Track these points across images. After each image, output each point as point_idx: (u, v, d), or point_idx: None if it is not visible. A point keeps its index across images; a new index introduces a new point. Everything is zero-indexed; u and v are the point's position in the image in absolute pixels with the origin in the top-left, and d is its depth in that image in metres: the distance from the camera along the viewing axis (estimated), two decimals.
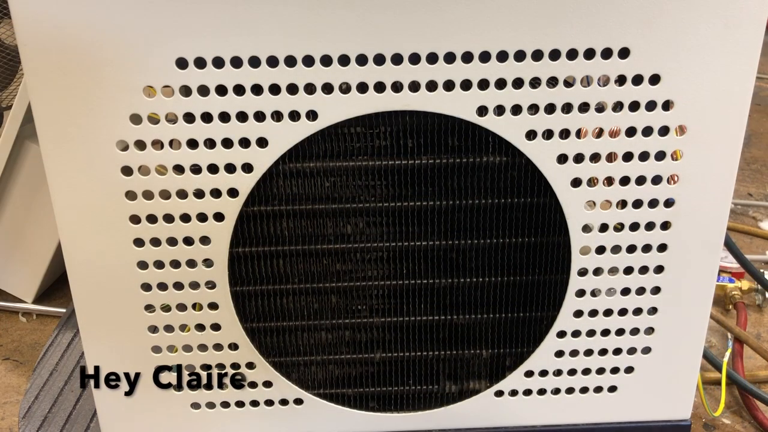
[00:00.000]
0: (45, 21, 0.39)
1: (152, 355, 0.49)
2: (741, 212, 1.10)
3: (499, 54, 0.41)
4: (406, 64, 0.41)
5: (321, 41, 0.40)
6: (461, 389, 0.52)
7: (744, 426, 0.65)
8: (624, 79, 0.42)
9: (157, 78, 0.40)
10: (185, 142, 0.42)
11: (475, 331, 0.50)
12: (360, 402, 0.51)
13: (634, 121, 0.43)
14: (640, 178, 0.45)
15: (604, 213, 0.46)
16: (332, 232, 0.46)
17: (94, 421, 0.60)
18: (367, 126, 0.43)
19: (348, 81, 0.41)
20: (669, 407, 0.53)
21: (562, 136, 0.43)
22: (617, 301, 0.48)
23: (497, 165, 0.44)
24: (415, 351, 0.50)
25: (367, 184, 0.45)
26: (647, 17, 0.40)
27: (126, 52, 0.40)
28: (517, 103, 0.42)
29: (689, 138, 0.43)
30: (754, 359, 0.74)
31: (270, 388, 0.50)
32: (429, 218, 0.46)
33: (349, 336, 0.50)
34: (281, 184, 0.44)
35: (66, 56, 0.40)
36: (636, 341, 0.50)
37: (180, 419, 0.51)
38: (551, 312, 0.49)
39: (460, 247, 0.47)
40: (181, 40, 0.39)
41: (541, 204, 0.46)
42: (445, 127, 0.43)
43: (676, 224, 0.46)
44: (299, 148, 0.43)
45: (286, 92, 0.41)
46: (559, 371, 0.51)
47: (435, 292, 0.49)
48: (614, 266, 0.47)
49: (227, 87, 0.41)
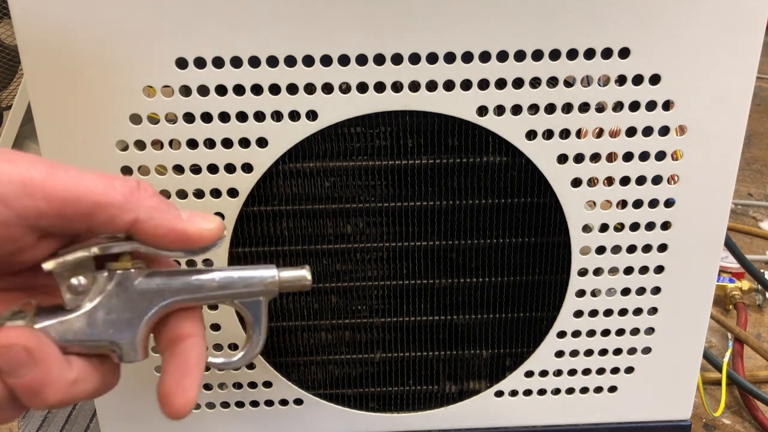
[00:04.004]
0: (45, 21, 0.39)
1: (152, 355, 0.48)
2: (741, 212, 1.10)
3: (499, 54, 0.41)
4: (406, 64, 0.41)
5: (321, 41, 0.40)
6: (461, 389, 0.52)
7: (744, 426, 0.65)
8: (624, 79, 0.42)
9: (157, 78, 0.40)
10: (185, 142, 0.42)
11: (475, 332, 0.50)
12: (360, 402, 0.51)
13: (634, 121, 0.43)
14: (641, 178, 0.45)
15: (605, 213, 0.46)
16: (332, 232, 0.46)
17: (94, 421, 0.60)
18: (367, 126, 0.43)
19: (348, 81, 0.41)
20: (669, 407, 0.53)
21: (562, 136, 0.43)
22: (617, 301, 0.48)
23: (497, 165, 0.44)
24: (415, 351, 0.50)
25: (367, 184, 0.45)
26: (647, 17, 0.40)
27: (126, 52, 0.40)
28: (518, 103, 0.42)
29: (689, 138, 0.43)
30: (754, 359, 0.74)
31: (270, 388, 0.50)
32: (429, 218, 0.46)
33: (349, 336, 0.50)
34: (281, 184, 0.44)
35: (66, 56, 0.40)
36: (636, 341, 0.50)
37: (180, 419, 0.51)
38: (551, 312, 0.49)
39: (460, 247, 0.47)
40: (181, 40, 0.39)
41: (541, 204, 0.46)
42: (445, 127, 0.43)
43: (676, 224, 0.46)
44: (299, 148, 0.43)
45: (286, 92, 0.41)
46: (560, 371, 0.51)
47: (435, 292, 0.48)
48: (614, 266, 0.47)
49: (227, 87, 0.41)
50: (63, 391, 0.29)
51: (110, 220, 0.29)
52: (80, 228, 0.29)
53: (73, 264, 0.30)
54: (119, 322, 0.31)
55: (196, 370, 0.31)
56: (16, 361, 0.28)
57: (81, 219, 0.29)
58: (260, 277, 0.33)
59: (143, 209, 0.29)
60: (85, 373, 0.30)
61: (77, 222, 0.29)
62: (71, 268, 0.30)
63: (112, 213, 0.29)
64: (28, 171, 0.27)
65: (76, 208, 0.28)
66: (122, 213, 0.29)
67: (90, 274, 0.30)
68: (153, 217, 0.30)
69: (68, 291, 0.30)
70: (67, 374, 0.29)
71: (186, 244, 0.31)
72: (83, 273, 0.30)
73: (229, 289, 0.32)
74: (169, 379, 0.31)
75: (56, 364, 0.29)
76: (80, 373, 0.30)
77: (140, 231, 0.30)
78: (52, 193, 0.28)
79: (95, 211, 0.29)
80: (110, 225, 0.29)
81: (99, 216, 0.29)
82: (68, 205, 0.28)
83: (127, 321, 0.31)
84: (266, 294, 0.33)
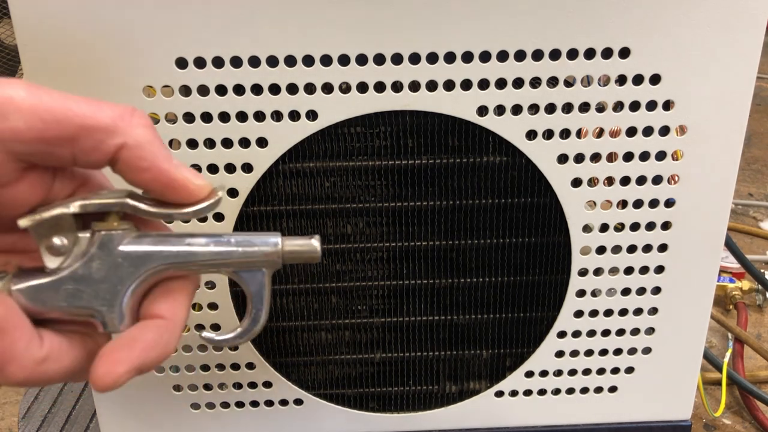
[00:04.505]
0: (45, 21, 0.39)
1: None
2: (741, 212, 1.09)
3: (499, 54, 0.40)
4: (406, 64, 0.41)
5: (321, 41, 0.40)
6: (461, 389, 0.52)
7: (745, 426, 0.65)
8: (624, 78, 0.42)
9: (157, 78, 0.40)
10: (185, 142, 0.42)
11: (475, 332, 0.50)
12: (360, 402, 0.51)
13: (634, 121, 0.43)
14: (641, 178, 0.44)
15: (605, 213, 0.45)
16: (332, 232, 0.46)
17: (94, 422, 0.60)
18: (367, 126, 0.43)
19: (348, 81, 0.41)
20: (669, 408, 0.53)
21: (562, 136, 0.43)
22: (618, 302, 0.48)
23: (497, 165, 0.44)
24: (415, 351, 0.50)
25: (367, 184, 0.45)
26: (648, 17, 0.40)
27: (126, 51, 0.40)
28: (518, 103, 0.42)
29: (690, 138, 0.43)
30: (754, 359, 0.74)
31: (270, 388, 0.50)
32: (429, 218, 0.46)
33: (349, 336, 0.50)
34: (281, 184, 0.44)
35: (66, 56, 0.40)
36: (636, 341, 0.50)
37: (180, 419, 0.51)
38: (552, 312, 0.49)
39: (460, 247, 0.47)
40: (181, 39, 0.39)
41: (541, 204, 0.45)
42: (445, 127, 0.43)
43: (676, 224, 0.46)
44: (299, 148, 0.43)
45: (285, 92, 0.41)
46: (560, 371, 0.51)
47: (435, 292, 0.48)
48: (615, 266, 0.47)
49: (227, 87, 0.41)
50: (29, 369, 0.26)
51: (96, 146, 0.27)
52: (64, 156, 0.27)
53: (51, 221, 0.28)
54: (102, 288, 0.28)
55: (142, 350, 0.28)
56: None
57: (64, 144, 0.26)
58: (261, 244, 0.30)
59: (132, 136, 0.27)
60: (59, 351, 0.28)
61: (60, 147, 0.26)
62: (50, 226, 0.28)
63: (98, 138, 0.26)
64: (4, 90, 0.25)
65: (58, 131, 0.26)
66: (109, 137, 0.27)
67: (72, 234, 0.28)
68: (141, 145, 0.27)
69: (48, 252, 0.28)
70: (35, 351, 0.27)
71: (166, 189, 0.28)
72: (64, 233, 0.28)
73: (226, 258, 0.29)
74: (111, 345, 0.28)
75: (23, 337, 0.26)
76: (52, 351, 0.27)
77: (123, 161, 0.27)
78: (31, 114, 0.25)
79: (80, 134, 0.26)
80: (96, 152, 0.27)
81: (84, 141, 0.26)
82: (49, 127, 0.26)
83: (111, 286, 0.28)
84: (268, 265, 0.30)
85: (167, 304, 0.30)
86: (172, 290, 0.30)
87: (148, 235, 0.29)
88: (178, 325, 0.30)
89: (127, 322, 0.29)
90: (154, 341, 0.28)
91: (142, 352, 0.28)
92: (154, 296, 0.30)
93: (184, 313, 0.30)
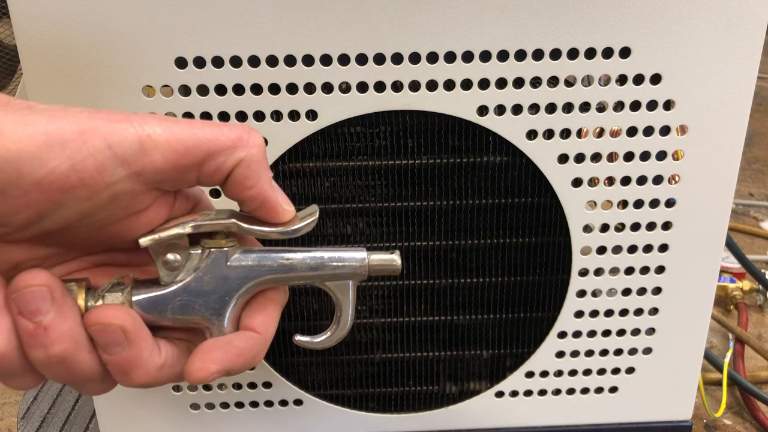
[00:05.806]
0: (45, 21, 0.39)
1: None
2: (742, 212, 1.09)
3: (499, 53, 0.40)
4: (406, 64, 0.40)
5: (321, 41, 0.40)
6: (461, 390, 0.51)
7: (745, 427, 0.65)
8: (625, 78, 0.41)
9: (157, 77, 0.40)
10: None
11: (475, 332, 0.50)
12: (360, 403, 0.51)
13: (635, 120, 0.43)
14: (641, 178, 0.44)
15: (605, 213, 0.45)
16: (332, 232, 0.46)
17: (93, 422, 0.60)
18: (367, 126, 0.43)
19: (348, 80, 0.41)
20: (670, 408, 0.53)
21: (562, 135, 0.43)
22: (618, 302, 0.48)
23: (497, 165, 0.44)
24: (415, 352, 0.50)
25: (367, 184, 0.45)
26: (648, 17, 0.40)
27: (125, 51, 0.39)
28: (518, 103, 0.42)
29: (690, 138, 0.43)
30: (755, 360, 0.74)
31: (269, 388, 0.50)
32: (429, 218, 0.46)
33: (349, 336, 0.50)
34: (281, 184, 0.44)
35: (65, 56, 0.39)
36: (637, 342, 0.50)
37: (179, 420, 0.51)
38: (552, 312, 0.49)
39: (461, 247, 0.47)
40: (181, 39, 0.39)
41: (541, 204, 0.45)
42: (445, 127, 0.43)
43: (677, 224, 0.46)
44: (299, 148, 0.43)
45: (285, 92, 0.41)
46: (560, 372, 0.50)
47: (435, 292, 0.48)
48: (615, 266, 0.47)
49: (226, 86, 0.41)
50: (151, 374, 0.30)
51: (218, 167, 0.29)
52: (191, 179, 0.30)
53: (168, 240, 0.31)
54: (212, 299, 0.32)
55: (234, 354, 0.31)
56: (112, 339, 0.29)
57: (193, 169, 0.29)
58: (351, 259, 0.33)
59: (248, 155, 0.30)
60: (173, 359, 0.31)
61: (188, 173, 0.29)
62: (166, 244, 0.31)
63: (220, 160, 0.29)
64: (143, 128, 0.28)
65: (189, 159, 0.29)
66: (229, 158, 0.29)
67: (184, 251, 0.32)
68: (251, 165, 0.30)
69: (163, 266, 0.31)
70: (156, 358, 0.30)
71: (260, 207, 0.31)
72: (177, 250, 0.31)
73: (320, 271, 0.33)
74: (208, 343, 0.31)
75: (147, 347, 0.30)
76: (168, 358, 0.31)
77: (233, 178, 0.30)
78: (166, 147, 0.28)
79: (206, 159, 0.29)
80: (217, 173, 0.30)
81: (209, 164, 0.29)
82: (181, 157, 0.28)
83: (220, 297, 0.32)
84: (355, 277, 0.34)
85: (261, 317, 0.33)
86: (266, 303, 0.33)
87: (253, 251, 0.33)
88: (268, 340, 0.33)
89: (230, 329, 0.32)
90: (246, 350, 0.32)
91: (234, 357, 0.31)
92: (251, 309, 0.33)
93: (274, 328, 0.33)
